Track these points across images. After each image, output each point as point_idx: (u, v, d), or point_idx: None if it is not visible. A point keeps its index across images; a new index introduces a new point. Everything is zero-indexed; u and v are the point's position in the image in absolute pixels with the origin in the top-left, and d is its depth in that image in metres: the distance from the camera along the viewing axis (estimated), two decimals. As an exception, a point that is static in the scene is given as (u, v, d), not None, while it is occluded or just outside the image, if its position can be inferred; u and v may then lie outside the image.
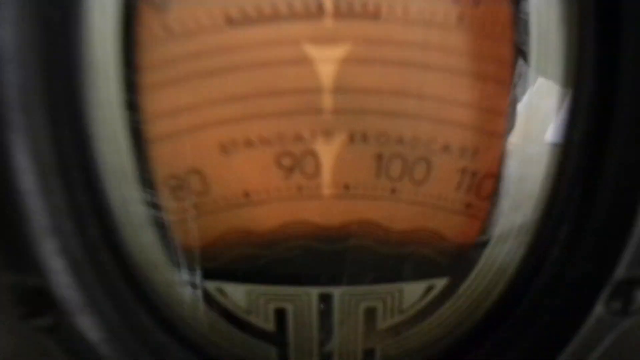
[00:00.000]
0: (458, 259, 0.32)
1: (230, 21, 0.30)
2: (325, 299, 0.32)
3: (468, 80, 0.30)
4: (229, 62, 0.30)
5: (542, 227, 0.31)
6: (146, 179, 0.31)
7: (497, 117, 0.31)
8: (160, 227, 0.31)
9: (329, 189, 0.31)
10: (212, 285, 0.32)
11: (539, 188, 0.31)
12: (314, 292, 0.32)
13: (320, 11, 0.30)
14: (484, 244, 0.32)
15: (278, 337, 0.32)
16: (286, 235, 0.32)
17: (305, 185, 0.31)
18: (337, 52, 0.30)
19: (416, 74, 0.30)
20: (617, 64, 0.29)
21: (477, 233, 0.32)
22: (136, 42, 0.30)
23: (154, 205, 0.31)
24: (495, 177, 0.31)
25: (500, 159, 0.31)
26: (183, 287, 0.32)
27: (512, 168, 0.31)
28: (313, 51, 0.30)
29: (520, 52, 0.30)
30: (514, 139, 0.31)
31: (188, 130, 0.31)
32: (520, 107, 0.30)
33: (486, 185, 0.31)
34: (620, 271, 0.28)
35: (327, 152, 0.31)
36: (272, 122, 0.31)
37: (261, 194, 0.31)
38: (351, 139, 0.31)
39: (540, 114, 0.30)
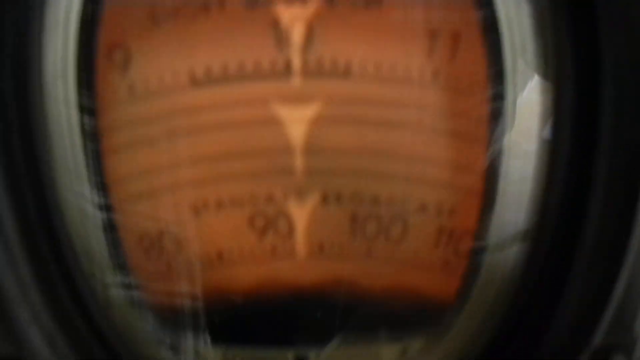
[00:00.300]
0: (435, 318, 0.31)
1: (195, 81, 0.29)
2: None
3: (444, 138, 0.29)
4: (195, 123, 0.29)
5: (520, 290, 0.30)
6: (116, 242, 0.30)
7: (474, 175, 0.30)
8: (130, 288, 0.30)
9: (303, 249, 0.31)
10: (188, 346, 0.31)
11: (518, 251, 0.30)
12: (290, 354, 0.31)
13: (288, 70, 0.29)
14: (462, 302, 0.31)
15: None
16: (261, 296, 0.31)
17: (279, 246, 0.30)
18: (307, 111, 0.29)
19: (390, 133, 0.29)
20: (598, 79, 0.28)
21: (456, 290, 0.31)
22: (97, 102, 0.29)
23: (124, 267, 0.30)
24: (473, 233, 0.30)
25: (477, 215, 0.30)
26: (160, 347, 0.31)
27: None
28: (282, 111, 0.29)
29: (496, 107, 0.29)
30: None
31: (157, 191, 0.30)
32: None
33: (465, 242, 0.30)
34: (599, 338, 0.27)
35: (301, 213, 0.30)
36: (244, 183, 0.30)
37: (235, 254, 0.31)
38: (325, 199, 0.30)
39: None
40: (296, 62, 0.29)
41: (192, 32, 0.29)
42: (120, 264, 0.30)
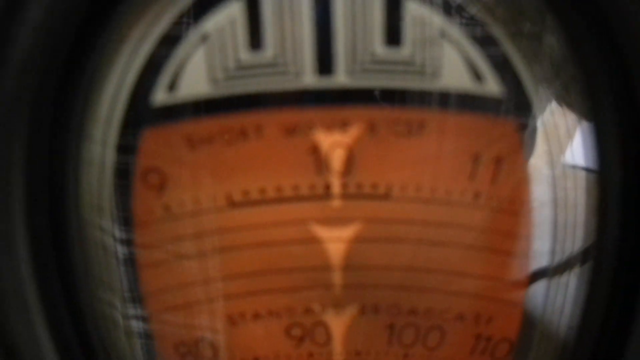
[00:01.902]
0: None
1: (232, 203, 0.28)
2: None
3: (483, 254, 0.29)
4: (232, 242, 0.29)
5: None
6: (151, 350, 0.30)
7: (513, 287, 0.30)
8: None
9: (340, 356, 0.31)
10: None
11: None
12: None
13: (327, 193, 0.28)
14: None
15: None
16: None
17: (316, 353, 0.31)
18: (346, 232, 0.29)
19: (429, 251, 0.29)
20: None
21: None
22: (134, 221, 0.29)
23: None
24: (512, 340, 0.30)
25: (516, 323, 0.30)
26: None
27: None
28: (321, 231, 0.29)
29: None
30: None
31: (193, 304, 0.30)
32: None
33: (502, 347, 0.30)
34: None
35: (338, 323, 0.30)
36: (281, 297, 0.30)
37: None
38: (362, 311, 0.30)
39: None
40: (335, 185, 0.28)
41: (229, 157, 0.28)
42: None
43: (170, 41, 0.26)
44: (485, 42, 0.26)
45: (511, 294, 0.30)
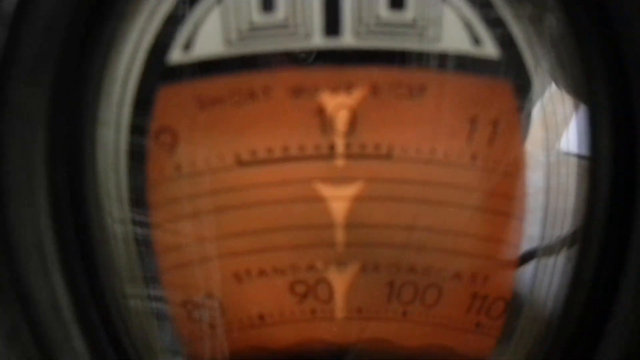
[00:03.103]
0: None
1: (240, 162, 0.30)
2: None
3: (480, 214, 0.31)
4: (240, 200, 0.30)
5: (553, 348, 0.32)
6: (161, 304, 0.31)
7: (508, 247, 0.31)
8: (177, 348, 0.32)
9: (342, 312, 0.32)
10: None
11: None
12: None
13: (331, 153, 0.30)
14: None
15: None
16: (300, 353, 0.32)
17: (318, 309, 0.32)
18: (349, 190, 0.30)
19: (428, 210, 0.30)
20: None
21: (490, 350, 0.32)
22: (147, 180, 0.30)
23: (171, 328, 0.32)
24: (507, 299, 0.32)
25: (511, 283, 0.31)
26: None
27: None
28: (325, 190, 0.30)
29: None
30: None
31: (201, 261, 0.31)
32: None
33: (497, 306, 0.32)
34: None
35: (340, 281, 0.31)
36: (285, 254, 0.31)
37: (275, 316, 0.32)
38: (363, 268, 0.31)
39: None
40: (339, 145, 0.29)
41: (238, 117, 0.29)
42: (165, 324, 0.31)
43: (187, 2, 0.27)
44: (483, 5, 0.27)
45: (506, 254, 0.31)
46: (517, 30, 0.27)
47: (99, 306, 0.30)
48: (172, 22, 0.27)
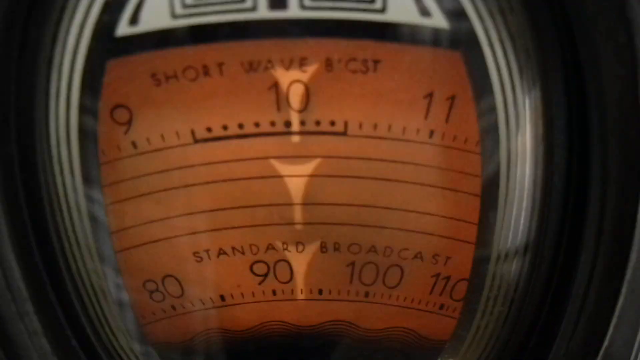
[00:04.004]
0: (433, 357, 0.32)
1: (196, 139, 0.29)
2: None
3: (439, 192, 0.30)
4: (195, 178, 0.30)
5: (514, 330, 0.31)
6: (118, 284, 0.31)
7: (468, 226, 0.30)
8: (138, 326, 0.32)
9: (303, 293, 0.32)
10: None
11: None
12: None
13: (286, 129, 0.29)
14: (457, 343, 0.32)
15: None
16: (262, 334, 0.32)
17: (279, 290, 0.32)
18: (305, 167, 0.30)
19: (386, 188, 0.30)
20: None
21: (452, 331, 0.32)
22: (99, 156, 0.30)
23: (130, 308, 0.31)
24: (469, 280, 0.31)
25: (472, 262, 0.31)
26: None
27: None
28: (281, 167, 0.30)
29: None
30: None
31: (159, 240, 0.31)
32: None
33: (460, 287, 0.31)
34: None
35: (300, 261, 0.31)
36: (244, 233, 0.31)
37: (236, 297, 0.32)
38: (323, 248, 0.31)
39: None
40: (295, 122, 0.29)
41: (192, 94, 0.29)
42: (123, 304, 0.31)
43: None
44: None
45: (466, 231, 0.30)
46: (467, 2, 0.27)
47: (55, 283, 0.30)
48: None
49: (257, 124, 0.29)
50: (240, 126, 0.29)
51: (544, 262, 0.30)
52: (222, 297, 0.32)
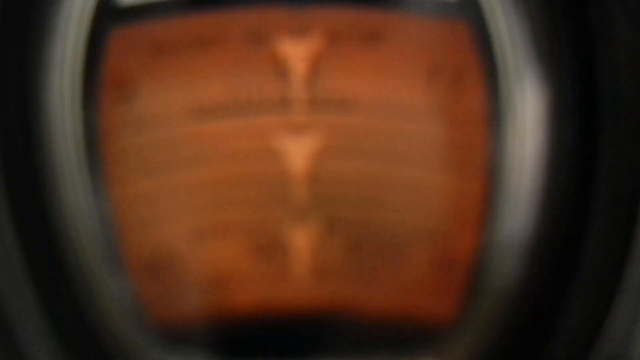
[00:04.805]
0: (434, 339, 0.32)
1: (197, 113, 0.29)
2: None
3: (443, 169, 0.30)
4: (196, 153, 0.30)
5: (519, 309, 0.31)
6: (119, 265, 0.31)
7: (472, 206, 0.30)
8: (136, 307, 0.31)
9: (303, 273, 0.31)
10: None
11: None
12: None
13: (290, 103, 0.29)
14: (461, 322, 0.31)
15: None
16: (261, 315, 0.32)
17: (280, 269, 0.31)
18: (309, 143, 0.30)
19: (390, 164, 0.30)
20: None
21: (454, 311, 0.32)
22: (100, 130, 0.29)
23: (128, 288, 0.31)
24: (472, 261, 0.31)
25: (477, 244, 0.31)
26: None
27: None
28: (284, 142, 0.30)
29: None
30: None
31: (158, 217, 0.30)
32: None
33: (463, 266, 0.31)
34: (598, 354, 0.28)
35: (301, 239, 0.31)
36: (244, 210, 0.30)
37: (236, 277, 0.31)
38: (325, 226, 0.31)
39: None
40: (298, 96, 0.29)
41: (194, 66, 0.29)
42: (125, 287, 0.31)
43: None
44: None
45: (470, 210, 0.30)
46: None
47: (54, 261, 0.30)
48: None
49: (260, 97, 0.29)
50: (244, 99, 0.29)
51: (548, 248, 0.30)
52: (221, 277, 0.31)
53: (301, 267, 0.31)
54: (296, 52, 0.28)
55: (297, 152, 0.30)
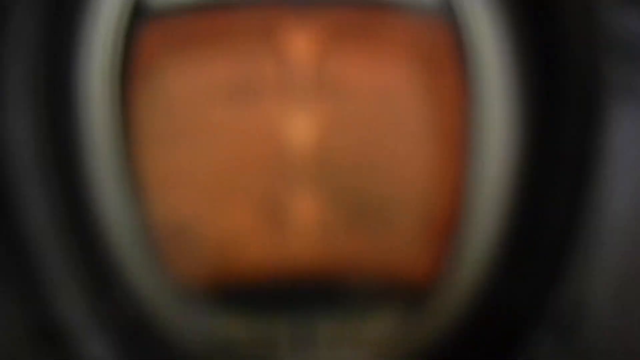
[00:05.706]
0: (417, 298, 0.35)
1: (212, 97, 0.33)
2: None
3: (428, 144, 0.34)
4: (215, 131, 0.34)
5: (497, 270, 0.35)
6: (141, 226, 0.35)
7: (453, 174, 0.34)
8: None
9: (306, 234, 0.35)
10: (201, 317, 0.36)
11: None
12: (283, 325, 0.36)
13: (294, 88, 0.33)
14: (442, 284, 0.35)
15: None
16: (264, 276, 0.35)
17: (285, 232, 0.35)
18: (311, 122, 0.34)
19: (381, 140, 0.34)
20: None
21: (437, 273, 0.35)
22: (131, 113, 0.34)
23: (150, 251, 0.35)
24: (454, 225, 0.35)
25: (460, 207, 0.35)
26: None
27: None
28: (289, 123, 0.34)
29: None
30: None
31: (177, 185, 0.34)
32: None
33: (447, 231, 0.35)
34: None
35: (304, 205, 0.35)
36: (249, 186, 0.34)
37: (243, 238, 0.35)
38: (326, 194, 0.35)
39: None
40: (302, 82, 0.33)
41: (211, 55, 0.33)
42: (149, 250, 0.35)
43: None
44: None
45: (453, 179, 0.34)
46: None
47: (81, 228, 0.34)
48: None
49: (264, 83, 0.33)
50: (247, 82, 0.33)
51: (521, 209, 0.34)
52: (227, 240, 0.35)
53: (299, 230, 0.35)
54: (298, 44, 0.33)
55: (301, 130, 0.34)
